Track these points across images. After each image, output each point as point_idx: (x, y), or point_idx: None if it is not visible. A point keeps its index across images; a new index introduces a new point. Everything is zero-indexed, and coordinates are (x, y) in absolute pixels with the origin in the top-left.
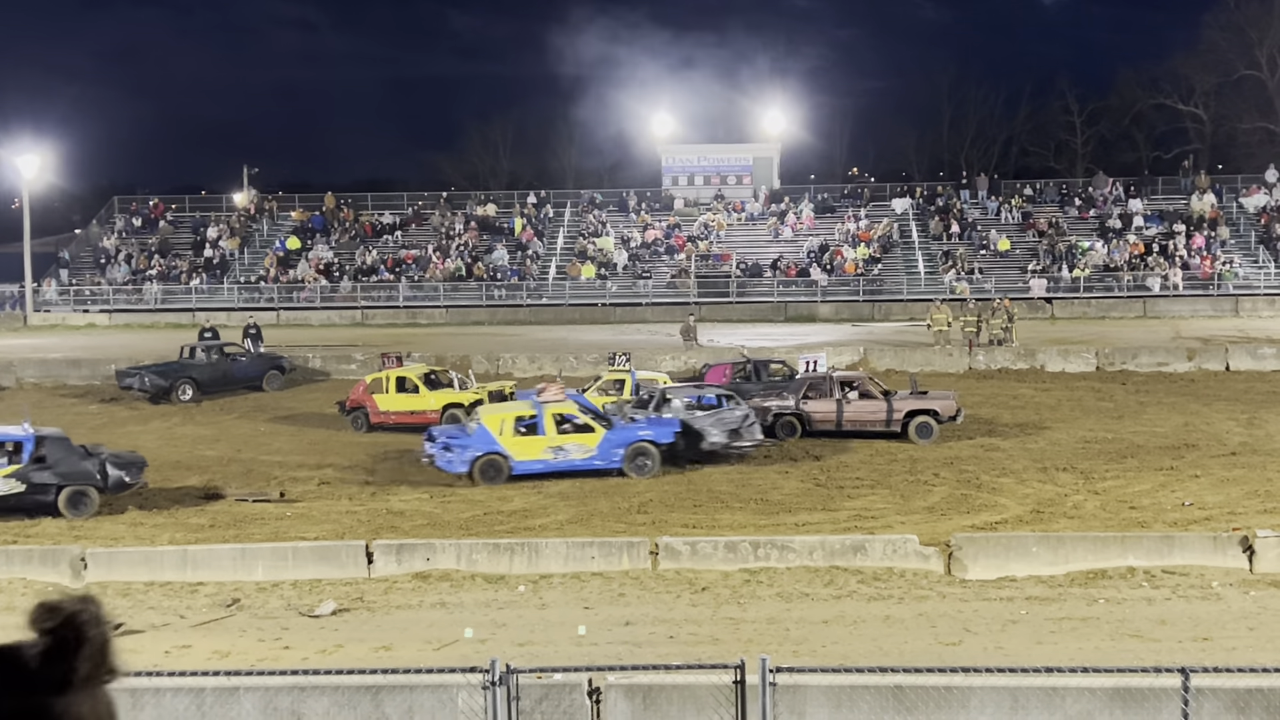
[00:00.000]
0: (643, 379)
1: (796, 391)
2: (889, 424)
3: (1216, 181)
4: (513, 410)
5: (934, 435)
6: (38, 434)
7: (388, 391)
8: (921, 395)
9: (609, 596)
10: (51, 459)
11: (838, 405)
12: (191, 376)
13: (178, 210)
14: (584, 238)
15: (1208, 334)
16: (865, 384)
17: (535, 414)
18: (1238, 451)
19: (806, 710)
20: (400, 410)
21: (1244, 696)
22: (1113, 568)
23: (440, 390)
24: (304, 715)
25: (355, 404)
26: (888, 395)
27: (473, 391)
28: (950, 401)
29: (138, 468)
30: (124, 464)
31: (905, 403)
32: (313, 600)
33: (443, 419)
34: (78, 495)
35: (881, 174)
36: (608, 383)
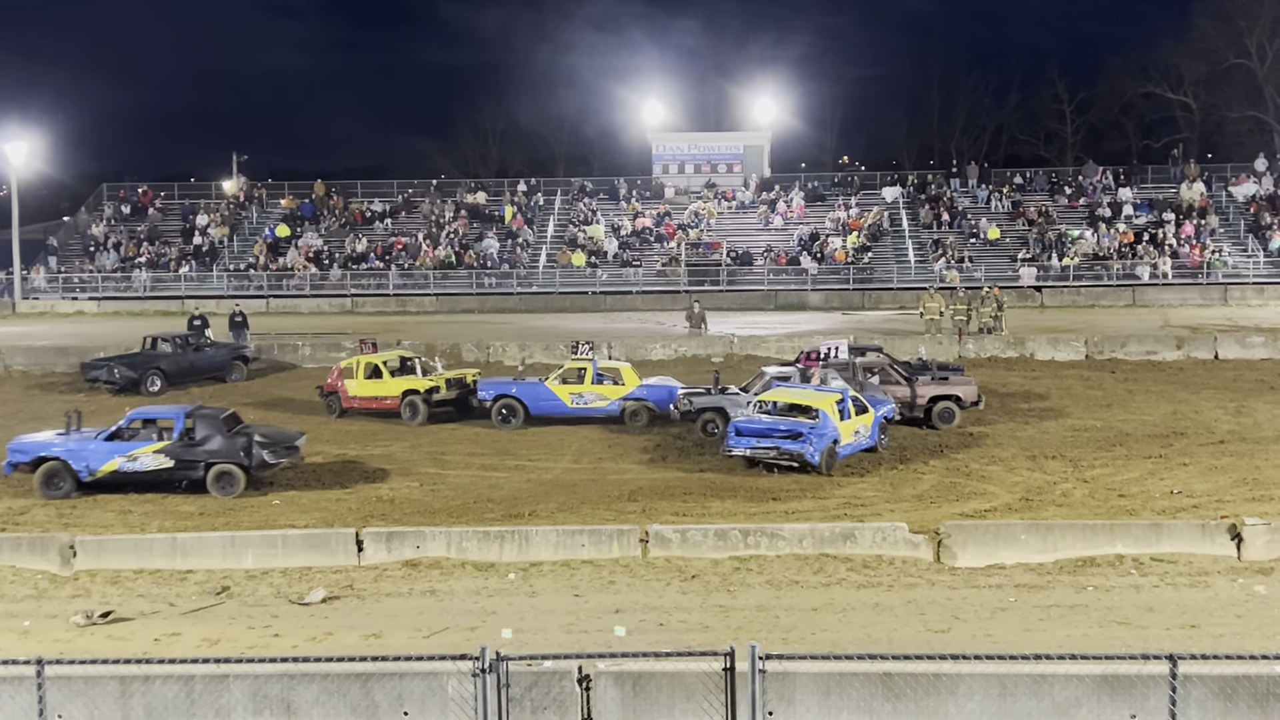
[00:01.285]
0: (604, 368)
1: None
2: (912, 409)
3: (1206, 170)
4: (835, 396)
5: (956, 420)
6: (188, 411)
7: (357, 377)
8: (943, 381)
9: (599, 584)
10: (200, 436)
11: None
12: (160, 367)
13: (167, 198)
14: (574, 226)
15: (1197, 322)
16: (888, 369)
17: (844, 398)
18: (1226, 440)
19: (796, 697)
20: (365, 395)
21: (1231, 684)
22: (1101, 555)
23: (402, 376)
24: (293, 703)
25: (331, 388)
26: (910, 381)
27: (431, 379)
28: (972, 387)
29: (285, 447)
30: (270, 444)
31: (928, 388)
32: (302, 588)
33: (402, 405)
34: (224, 474)
35: (872, 162)
36: (569, 371)
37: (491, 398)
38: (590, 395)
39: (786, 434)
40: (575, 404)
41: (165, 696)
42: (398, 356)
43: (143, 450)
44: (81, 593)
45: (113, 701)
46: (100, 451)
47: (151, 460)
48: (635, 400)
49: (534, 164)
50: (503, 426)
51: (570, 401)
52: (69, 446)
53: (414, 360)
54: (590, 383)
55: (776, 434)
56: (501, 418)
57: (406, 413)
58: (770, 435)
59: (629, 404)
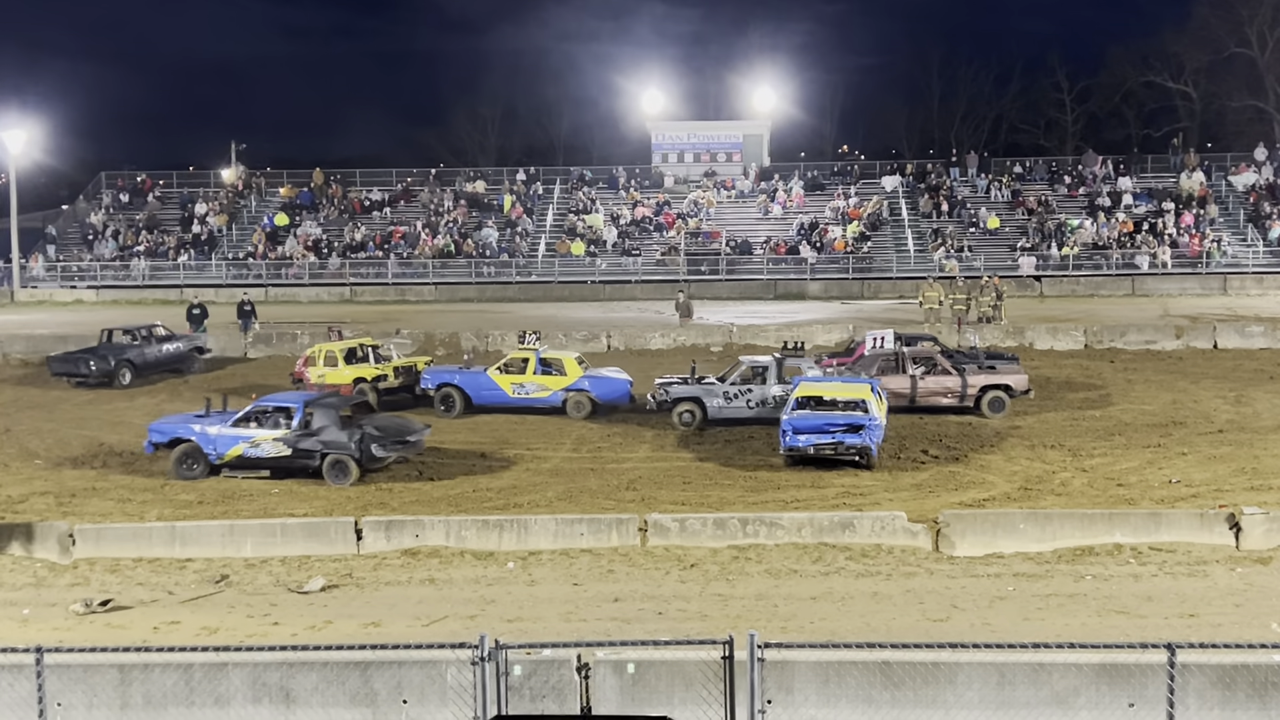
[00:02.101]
0: (549, 358)
1: (868, 368)
2: (962, 399)
3: (1206, 159)
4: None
5: (1006, 410)
6: (307, 400)
7: (319, 364)
8: (991, 370)
9: (598, 573)
10: (317, 426)
11: (911, 381)
12: (129, 360)
13: (165, 186)
14: (573, 215)
15: (1196, 312)
16: (937, 359)
17: (874, 388)
18: (1225, 429)
19: (794, 686)
20: (324, 383)
21: (1229, 673)
22: (1100, 545)
23: (354, 365)
24: (293, 691)
25: (297, 376)
26: (961, 371)
27: (379, 366)
28: (1022, 376)
29: (396, 441)
30: (382, 437)
31: (978, 378)
32: (301, 577)
33: (354, 392)
34: (337, 464)
35: (871, 151)
36: (512, 361)
37: (434, 386)
38: (532, 385)
39: (846, 427)
40: (516, 394)
41: (164, 685)
42: (358, 344)
43: (264, 436)
44: (81, 581)
45: (112, 689)
46: (227, 436)
47: (271, 447)
48: (577, 391)
49: (533, 153)
50: (444, 415)
51: (512, 391)
52: (201, 430)
53: (372, 348)
54: (533, 373)
55: (836, 428)
56: (444, 407)
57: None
58: (829, 430)
59: (571, 395)
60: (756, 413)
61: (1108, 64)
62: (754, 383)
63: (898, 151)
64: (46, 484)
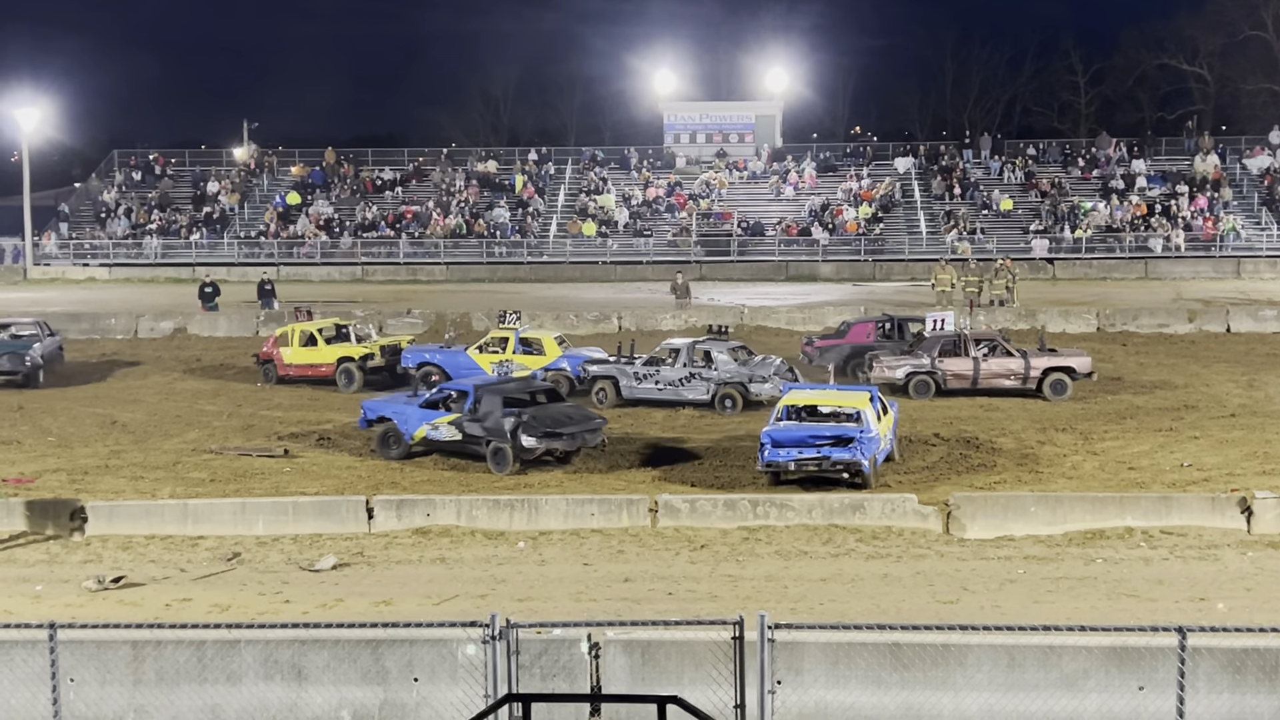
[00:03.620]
0: (529, 337)
1: (931, 350)
2: (1025, 381)
3: (1220, 142)
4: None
5: (1068, 393)
6: (478, 384)
7: (292, 345)
8: (1051, 353)
9: (608, 553)
10: (483, 412)
11: (974, 364)
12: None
13: (177, 164)
14: (585, 195)
15: (1209, 295)
16: (999, 342)
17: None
18: (1237, 413)
19: (804, 667)
20: (301, 363)
21: (1240, 656)
22: (1110, 528)
23: (336, 344)
24: (304, 668)
25: (266, 356)
26: (1024, 353)
27: (365, 346)
28: (1086, 359)
29: (548, 433)
30: (534, 427)
31: (1042, 360)
32: (313, 555)
33: (337, 371)
34: (498, 451)
35: (884, 133)
36: (493, 340)
37: (415, 365)
38: (512, 365)
39: (833, 440)
40: (496, 373)
41: (177, 661)
42: (333, 324)
43: (442, 420)
44: (93, 558)
45: (125, 665)
46: (415, 417)
47: (447, 430)
48: (555, 370)
49: (544, 133)
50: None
51: (491, 370)
52: (397, 409)
53: (349, 327)
54: (512, 352)
55: (822, 441)
56: (426, 385)
57: (341, 380)
58: (814, 444)
59: (550, 374)
60: (663, 394)
61: (1122, 46)
62: (663, 364)
63: (910, 133)
64: (59, 461)
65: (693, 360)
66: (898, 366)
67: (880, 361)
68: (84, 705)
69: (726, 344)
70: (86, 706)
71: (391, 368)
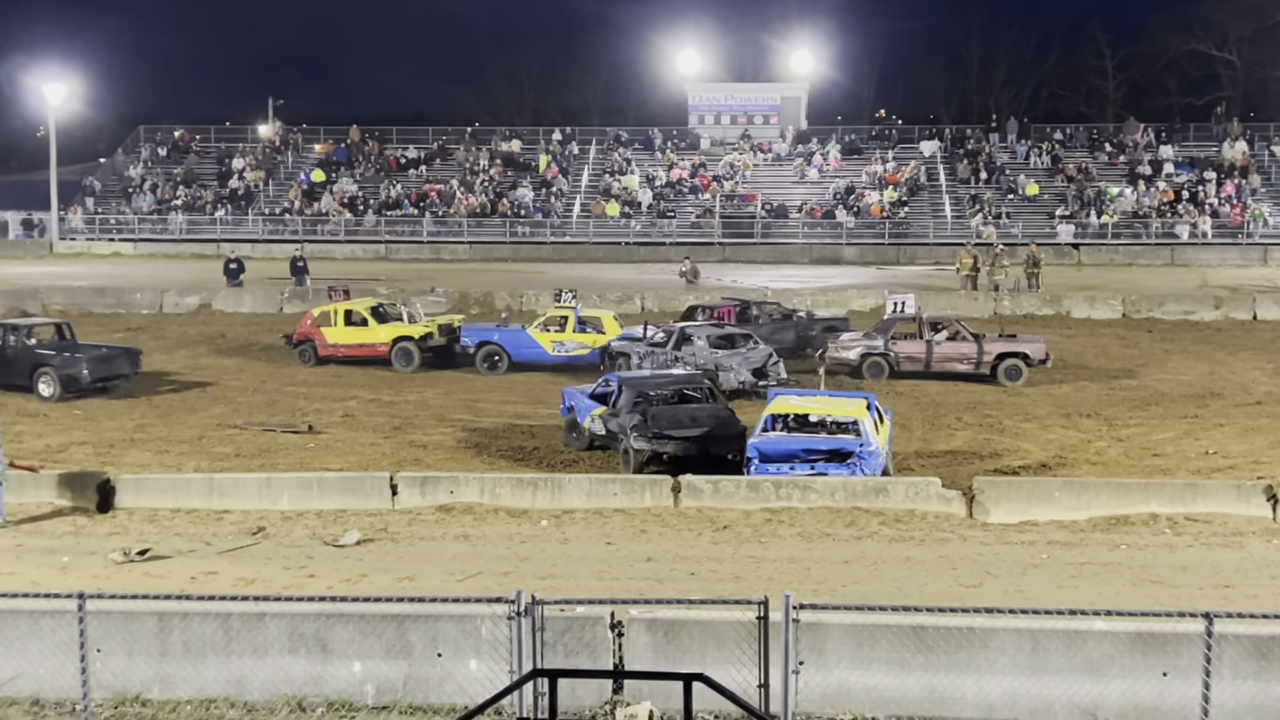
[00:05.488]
0: (587, 316)
1: (885, 332)
2: (978, 366)
3: (1248, 129)
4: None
5: (1023, 378)
6: (621, 378)
7: (336, 325)
8: (1010, 338)
9: (631, 533)
10: (620, 406)
11: (927, 346)
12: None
13: (203, 141)
14: (609, 176)
15: (1235, 283)
16: (955, 326)
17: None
18: (1263, 401)
19: (827, 648)
20: (349, 343)
21: (1266, 644)
22: (1135, 514)
23: (390, 324)
24: (329, 642)
25: (303, 337)
26: (978, 338)
27: (423, 325)
28: (1040, 345)
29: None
30: (648, 430)
31: (995, 345)
32: (337, 530)
33: (393, 351)
34: (625, 450)
35: (909, 116)
36: (551, 319)
37: (475, 344)
38: (571, 344)
39: (828, 455)
40: (556, 351)
41: (203, 633)
42: (374, 302)
43: (597, 412)
44: (119, 530)
45: (152, 637)
46: (585, 408)
47: (598, 425)
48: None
49: (568, 113)
50: (489, 373)
51: (551, 349)
52: (577, 399)
53: (384, 307)
54: (572, 331)
55: (816, 455)
56: (489, 365)
57: (399, 360)
58: (807, 458)
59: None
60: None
61: (1150, 31)
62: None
63: (936, 116)
64: (85, 434)
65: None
66: (852, 347)
67: (836, 342)
68: (110, 675)
69: (708, 329)
70: (113, 677)
71: (449, 347)
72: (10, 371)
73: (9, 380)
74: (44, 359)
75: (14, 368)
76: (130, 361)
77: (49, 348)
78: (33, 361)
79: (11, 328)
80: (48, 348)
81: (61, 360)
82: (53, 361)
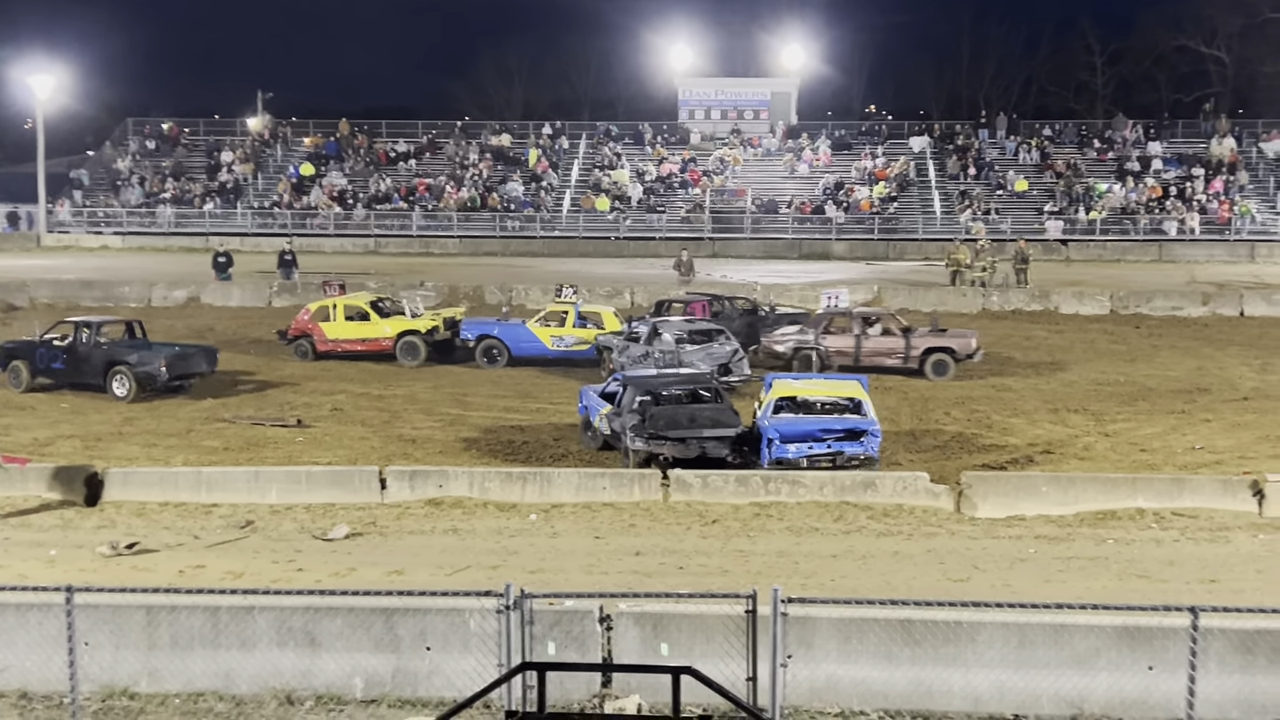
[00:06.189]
0: (586, 311)
1: (817, 326)
2: (906, 360)
3: (1237, 125)
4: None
5: (950, 373)
6: (627, 377)
7: (335, 319)
8: (940, 333)
9: (619, 527)
10: (623, 407)
11: (856, 340)
12: None
13: (191, 134)
14: (599, 170)
15: (1223, 279)
16: (886, 320)
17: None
18: (1250, 396)
19: (815, 641)
20: (351, 338)
21: (1251, 638)
22: (1122, 509)
23: (393, 318)
24: (317, 635)
25: (300, 332)
26: (907, 332)
27: (427, 319)
28: (969, 340)
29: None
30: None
31: (923, 340)
32: (326, 524)
33: (398, 346)
34: (626, 451)
35: (900, 111)
36: (551, 314)
37: (474, 338)
38: (570, 338)
39: (844, 434)
40: (556, 346)
41: (191, 626)
42: (374, 297)
43: (604, 411)
44: (107, 524)
45: (139, 630)
46: (595, 407)
47: (604, 424)
48: None
49: (559, 107)
50: (488, 367)
51: (551, 344)
52: (590, 398)
53: (382, 301)
54: (572, 325)
55: (832, 435)
56: (488, 358)
57: (405, 354)
58: (823, 438)
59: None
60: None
61: (1139, 27)
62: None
63: (926, 112)
64: (73, 427)
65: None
66: (784, 340)
67: (770, 335)
68: (98, 669)
69: (679, 323)
70: (101, 670)
71: (449, 341)
72: (82, 370)
73: (81, 379)
74: (119, 357)
75: (86, 366)
76: (207, 359)
77: (124, 346)
78: (107, 360)
79: (84, 324)
80: (122, 346)
81: (139, 358)
82: (129, 359)
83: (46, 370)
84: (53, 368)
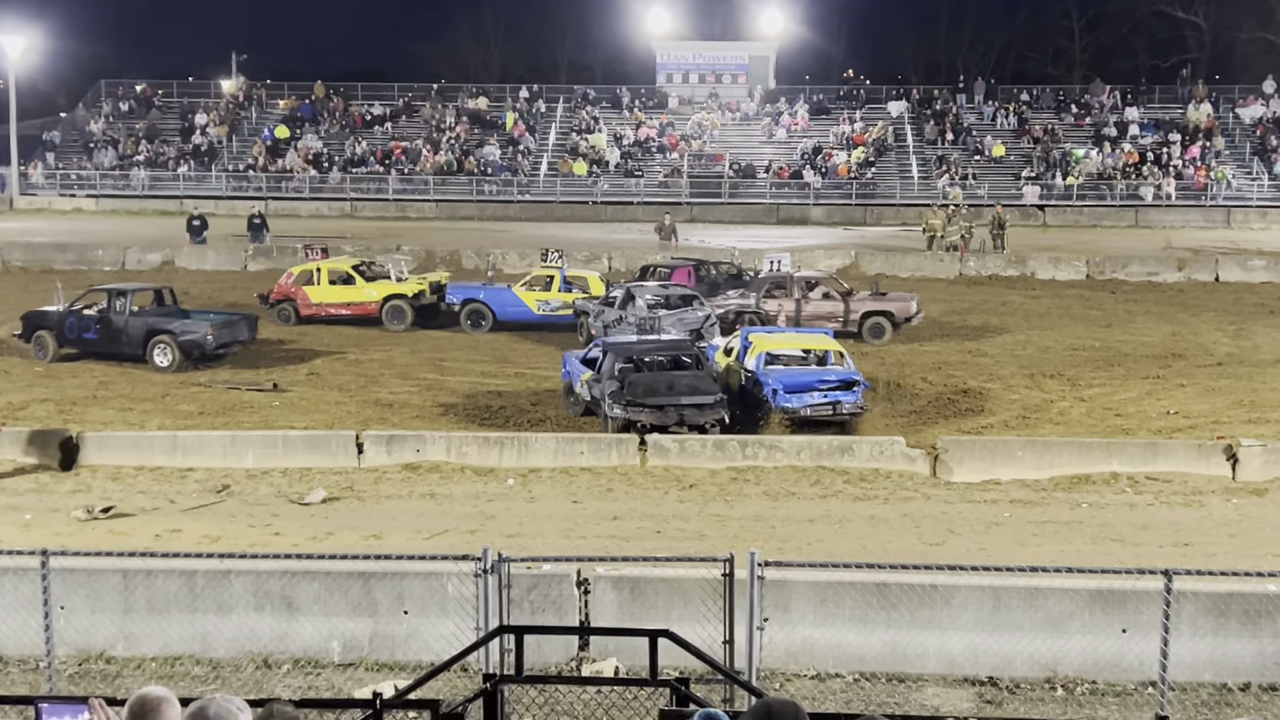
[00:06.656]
0: (572, 276)
1: (759, 289)
2: (845, 323)
3: (1214, 91)
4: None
5: (886, 336)
6: (607, 343)
7: (320, 284)
8: (880, 297)
9: (597, 491)
10: (603, 373)
11: (796, 304)
12: None
13: (165, 95)
14: (576, 134)
15: (1198, 245)
16: (827, 284)
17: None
18: (1224, 362)
19: (791, 605)
20: (335, 302)
21: (1224, 600)
22: (1097, 473)
23: (378, 282)
24: (294, 599)
25: (282, 295)
26: (846, 296)
27: (414, 283)
28: (907, 304)
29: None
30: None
31: (862, 304)
32: (303, 488)
33: (383, 310)
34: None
35: (879, 76)
36: (537, 279)
37: (460, 302)
38: (556, 303)
39: (838, 384)
40: (542, 310)
41: (168, 590)
42: (357, 261)
43: (585, 377)
44: (82, 488)
45: (115, 594)
46: (577, 373)
47: (585, 390)
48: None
49: (536, 70)
50: (473, 331)
51: (537, 308)
52: (572, 364)
53: (365, 265)
54: (557, 290)
55: (828, 386)
56: (471, 322)
57: (391, 318)
58: (820, 388)
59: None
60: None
61: None
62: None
63: (904, 77)
64: (47, 391)
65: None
66: (726, 305)
67: (710, 299)
68: (74, 633)
69: (653, 289)
70: (76, 634)
71: (434, 305)
72: (119, 341)
73: (118, 349)
74: (162, 326)
75: (124, 337)
76: (249, 327)
77: (164, 314)
78: (148, 329)
79: (118, 292)
80: (162, 314)
81: (182, 327)
82: (172, 328)
83: (76, 340)
84: (84, 338)
